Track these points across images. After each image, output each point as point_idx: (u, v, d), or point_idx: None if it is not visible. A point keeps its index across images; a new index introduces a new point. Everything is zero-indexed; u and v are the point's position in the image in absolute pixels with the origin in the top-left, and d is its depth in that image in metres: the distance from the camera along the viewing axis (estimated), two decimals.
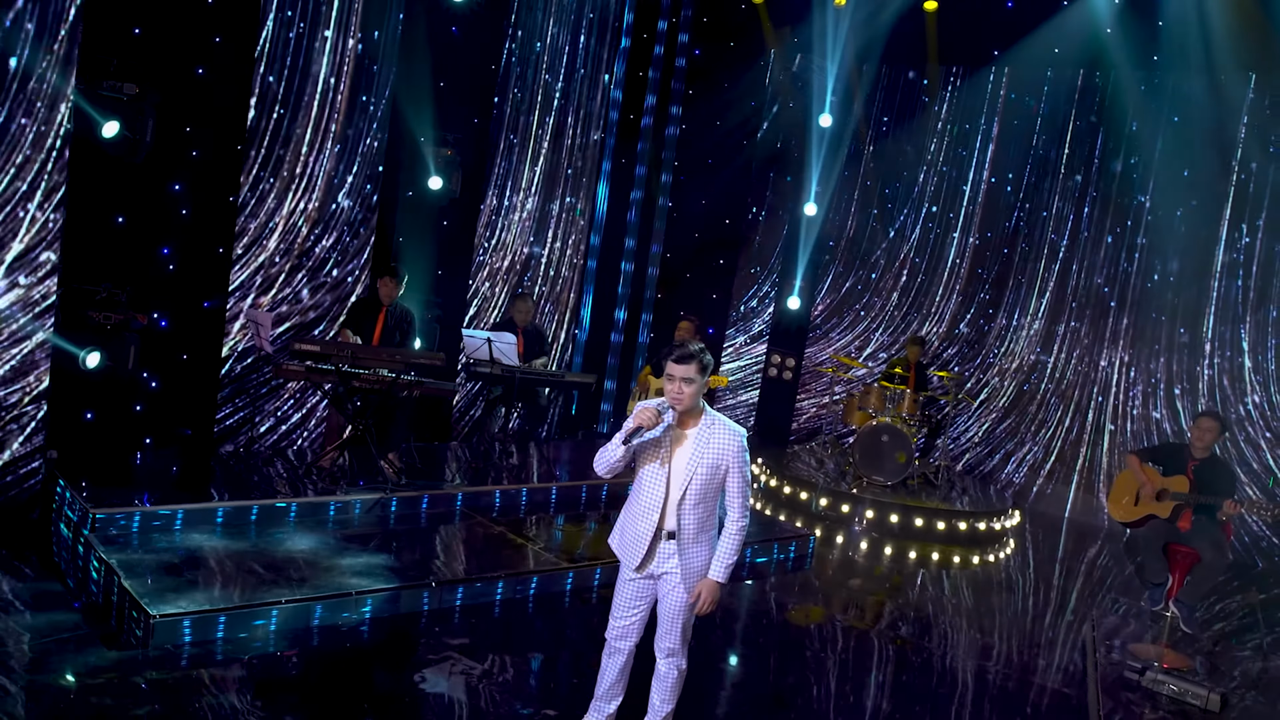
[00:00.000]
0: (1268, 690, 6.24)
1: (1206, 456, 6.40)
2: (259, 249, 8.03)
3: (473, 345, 7.77)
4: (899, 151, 12.29)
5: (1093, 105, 10.99)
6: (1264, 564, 9.57)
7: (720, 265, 12.81)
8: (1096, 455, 10.89)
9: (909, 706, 5.67)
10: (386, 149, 8.57)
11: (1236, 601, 8.22)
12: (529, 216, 10.10)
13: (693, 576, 4.28)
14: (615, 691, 4.56)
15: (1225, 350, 10.18)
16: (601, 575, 6.72)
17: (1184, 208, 10.40)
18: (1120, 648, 6.48)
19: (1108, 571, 9.15)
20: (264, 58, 7.83)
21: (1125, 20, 10.09)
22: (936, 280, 12.05)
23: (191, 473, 7.27)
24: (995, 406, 11.50)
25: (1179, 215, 10.45)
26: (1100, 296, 10.96)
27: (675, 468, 4.18)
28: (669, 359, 4.15)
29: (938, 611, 7.41)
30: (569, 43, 10.12)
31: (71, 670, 4.57)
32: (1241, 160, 10.12)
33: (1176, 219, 10.47)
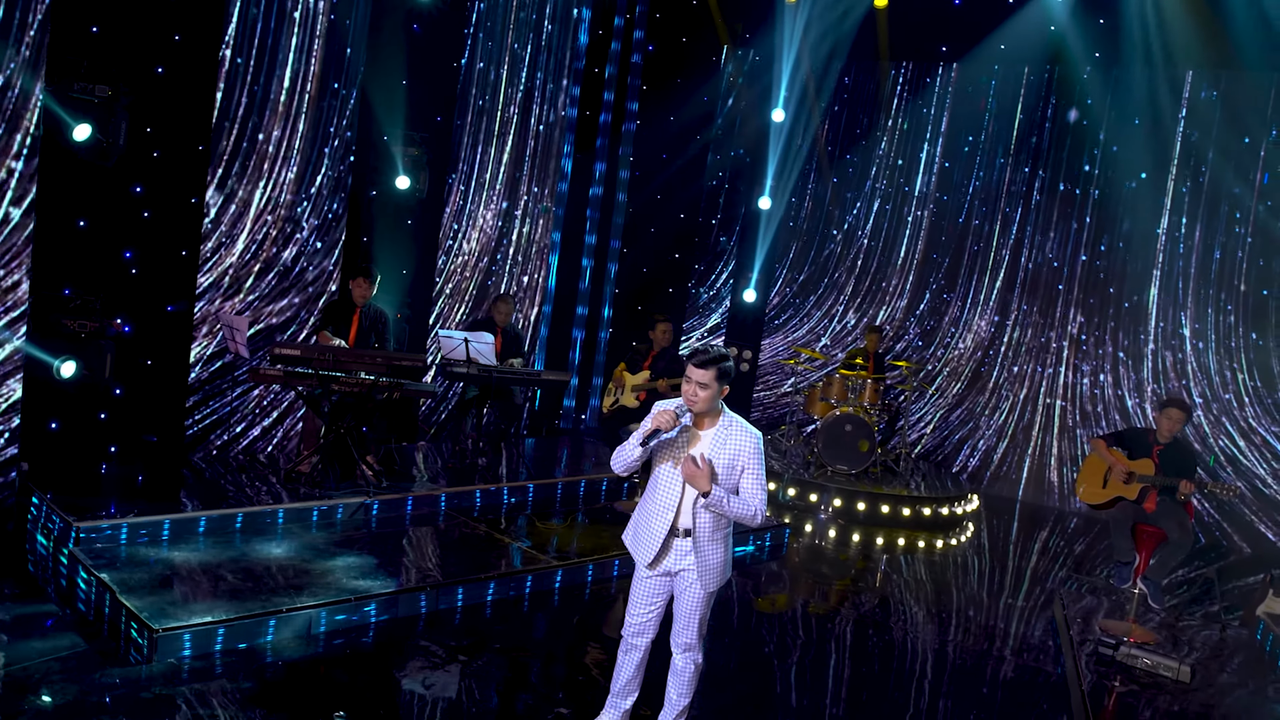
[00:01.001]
0: (1228, 659, 6.58)
1: (1170, 441, 6.69)
2: (226, 251, 7.88)
3: (449, 345, 7.74)
4: (853, 145, 12.51)
5: (1041, 98, 11.31)
6: (1205, 539, 10.01)
7: (676, 259, 12.91)
8: (1047, 439, 11.26)
9: (899, 689, 5.85)
10: (355, 149, 8.47)
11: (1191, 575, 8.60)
12: (494, 216, 10.06)
13: (710, 573, 4.36)
14: (631, 688, 4.63)
15: (1169, 336, 10.59)
16: (594, 572, 6.78)
17: (1130, 198, 10.79)
18: (1091, 625, 6.75)
19: (1067, 552, 9.48)
20: (229, 55, 7.67)
21: (1073, 16, 10.42)
22: (891, 271, 12.30)
23: (165, 481, 7.13)
24: (950, 393, 11.80)
25: (1124, 206, 10.84)
26: (1050, 284, 11.32)
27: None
28: (690, 362, 4.23)
29: (913, 596, 7.63)
30: (532, 39, 10.09)
31: (78, 689, 4.47)
32: (1181, 151, 10.52)
33: (1122, 209, 10.86)
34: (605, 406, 8.56)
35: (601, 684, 5.25)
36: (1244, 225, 10.20)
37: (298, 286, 8.25)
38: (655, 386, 8.11)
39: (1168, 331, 10.61)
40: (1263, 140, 10.03)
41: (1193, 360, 10.45)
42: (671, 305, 12.85)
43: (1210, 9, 9.32)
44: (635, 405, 8.28)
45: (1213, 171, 10.32)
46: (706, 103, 12.62)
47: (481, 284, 9.99)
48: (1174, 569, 6.94)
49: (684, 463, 4.20)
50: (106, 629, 5.15)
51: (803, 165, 12.61)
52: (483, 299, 10.01)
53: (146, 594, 5.23)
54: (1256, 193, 10.10)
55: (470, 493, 7.70)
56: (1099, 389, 11.00)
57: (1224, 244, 10.32)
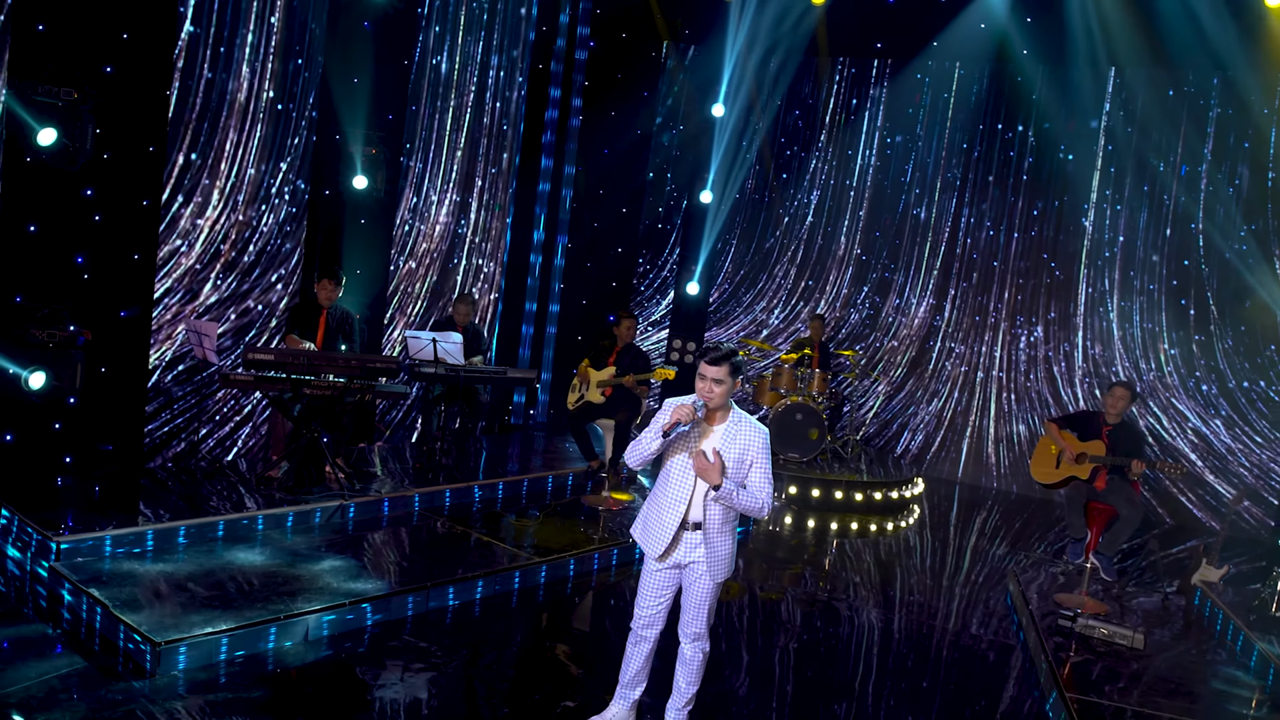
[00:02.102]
0: (1172, 626, 7.02)
1: (1119, 422, 7.09)
2: (184, 254, 7.73)
3: (416, 346, 7.73)
4: (793, 139, 12.79)
5: (974, 94, 11.74)
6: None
7: (619, 253, 13.02)
8: (984, 421, 11.73)
9: (873, 668, 6.11)
10: (314, 148, 8.37)
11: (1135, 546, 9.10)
12: (447, 214, 10.03)
13: (718, 564, 4.51)
14: (640, 678, 4.77)
15: (1098, 322, 11.13)
16: (575, 566, 6.89)
17: (1062, 190, 11.31)
18: (1046, 599, 7.13)
19: (1007, 530, 9.92)
20: (183, 54, 7.51)
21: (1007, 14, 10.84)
22: (831, 262, 12.63)
23: (131, 491, 6.98)
24: (891, 380, 12.20)
25: (1056, 198, 11.35)
26: (984, 273, 11.77)
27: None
28: (703, 360, 4.37)
29: (872, 578, 7.92)
30: (483, 36, 10.07)
31: (86, 707, 4.41)
32: (1108, 146, 11.05)
33: (1054, 202, 11.36)
34: (570, 402, 8.65)
35: (606, 676, 5.37)
36: (1166, 215, 10.77)
37: (258, 289, 8.13)
38: (622, 382, 8.22)
39: (1096, 318, 11.15)
40: (1181, 134, 10.61)
41: (1119, 344, 11.01)
42: (615, 299, 12.97)
43: (1141, 8, 9.81)
44: (601, 400, 8.39)
45: (1138, 164, 10.87)
46: (647, 98, 12.74)
47: (436, 283, 9.96)
48: (1124, 543, 7.35)
49: (696, 457, 4.34)
50: (99, 644, 5.06)
51: (744, 159, 12.84)
52: (437, 298, 9.98)
53: (140, 607, 5.16)
54: (1176, 184, 10.68)
55: (441, 492, 7.72)
56: (1033, 372, 11.50)
57: (1148, 234, 10.89)
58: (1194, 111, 10.57)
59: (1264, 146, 10.23)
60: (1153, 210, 10.83)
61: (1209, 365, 10.51)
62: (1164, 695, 5.76)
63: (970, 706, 5.72)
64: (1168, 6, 9.65)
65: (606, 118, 12.29)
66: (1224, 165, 10.44)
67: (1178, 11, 9.61)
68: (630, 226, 13.04)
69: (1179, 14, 9.63)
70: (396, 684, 5.09)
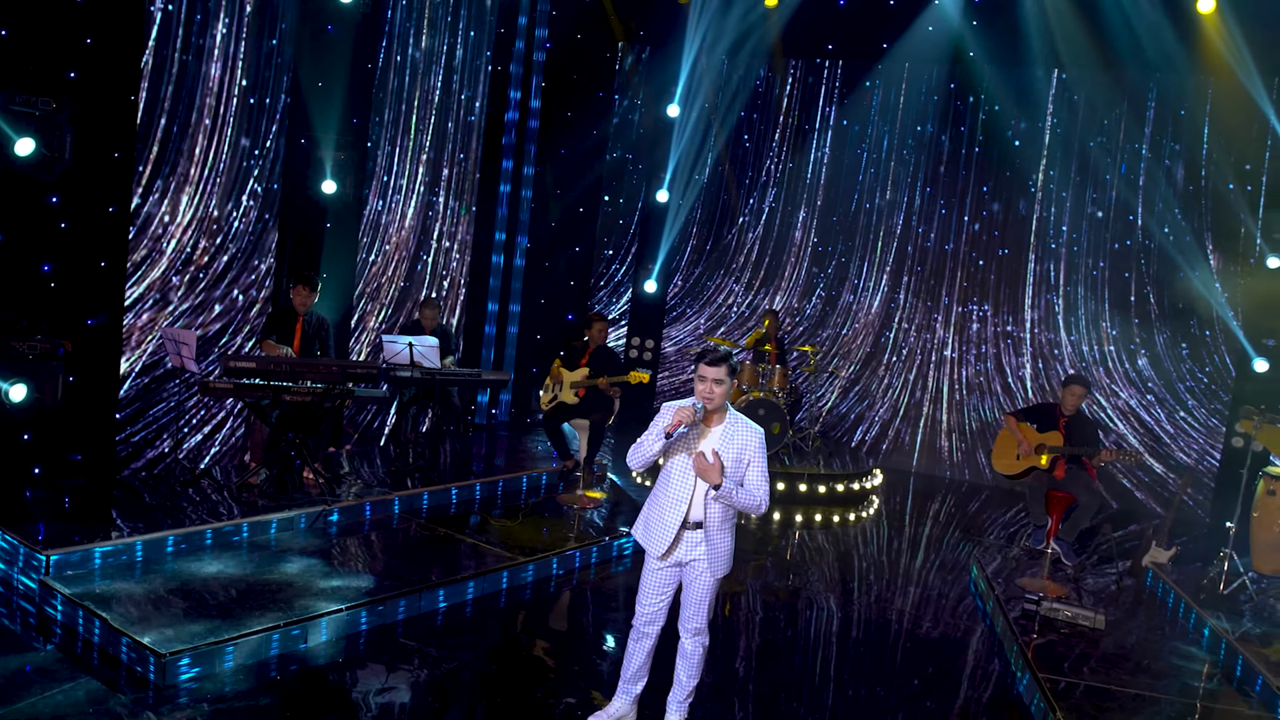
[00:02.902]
0: (1128, 606, 7.38)
1: (1075, 413, 7.43)
2: (155, 261, 7.66)
3: (392, 350, 7.77)
4: (747, 138, 13.01)
5: (924, 93, 12.08)
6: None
7: (577, 253, 13.14)
8: (937, 412, 12.10)
9: (851, 655, 6.35)
10: (284, 153, 8.34)
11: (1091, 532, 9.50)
12: (413, 217, 10.05)
13: (718, 561, 4.68)
14: (642, 673, 4.93)
15: (1044, 314, 11.56)
16: (559, 565, 7.02)
17: (1009, 186, 11.71)
18: (1010, 584, 7.44)
19: (966, 517, 10.27)
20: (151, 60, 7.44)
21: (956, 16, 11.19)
22: (785, 258, 12.89)
23: (105, 501, 6.92)
24: (847, 373, 12.51)
25: (1004, 193, 11.74)
26: (936, 268, 12.13)
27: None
28: (702, 362, 4.53)
29: (840, 568, 8.18)
30: (446, 40, 10.10)
31: None
32: (1049, 145, 11.48)
33: (1002, 197, 11.75)
34: (544, 402, 8.75)
35: (602, 671, 5.52)
36: (1109, 210, 11.22)
37: (230, 295, 8.09)
38: (596, 384, 8.35)
39: (1042, 311, 11.58)
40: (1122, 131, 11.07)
41: (1064, 335, 11.44)
42: (574, 297, 13.10)
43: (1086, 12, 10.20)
44: (574, 401, 8.51)
45: (1081, 162, 11.31)
46: (602, 99, 12.87)
47: (403, 286, 9.98)
48: (1083, 529, 7.71)
49: (696, 457, 4.50)
50: (99, 658, 5.06)
51: (699, 158, 13.03)
52: (404, 301, 10.00)
53: (140, 619, 5.16)
54: (1117, 180, 11.14)
55: (419, 495, 7.78)
56: (982, 363, 11.89)
57: (1092, 229, 11.33)
58: (1134, 110, 11.02)
59: (1198, 144, 10.72)
60: (1096, 206, 11.27)
61: (1150, 354, 10.99)
62: (1127, 673, 6.08)
63: (948, 690, 5.98)
64: (1111, 10, 10.06)
65: (563, 118, 12.39)
66: (1162, 162, 10.91)
67: (1119, 15, 10.03)
68: (588, 226, 13.16)
69: (1120, 18, 10.04)
70: (400, 686, 5.17)
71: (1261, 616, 7.08)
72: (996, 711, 5.80)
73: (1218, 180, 10.58)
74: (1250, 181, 10.34)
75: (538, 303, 12.51)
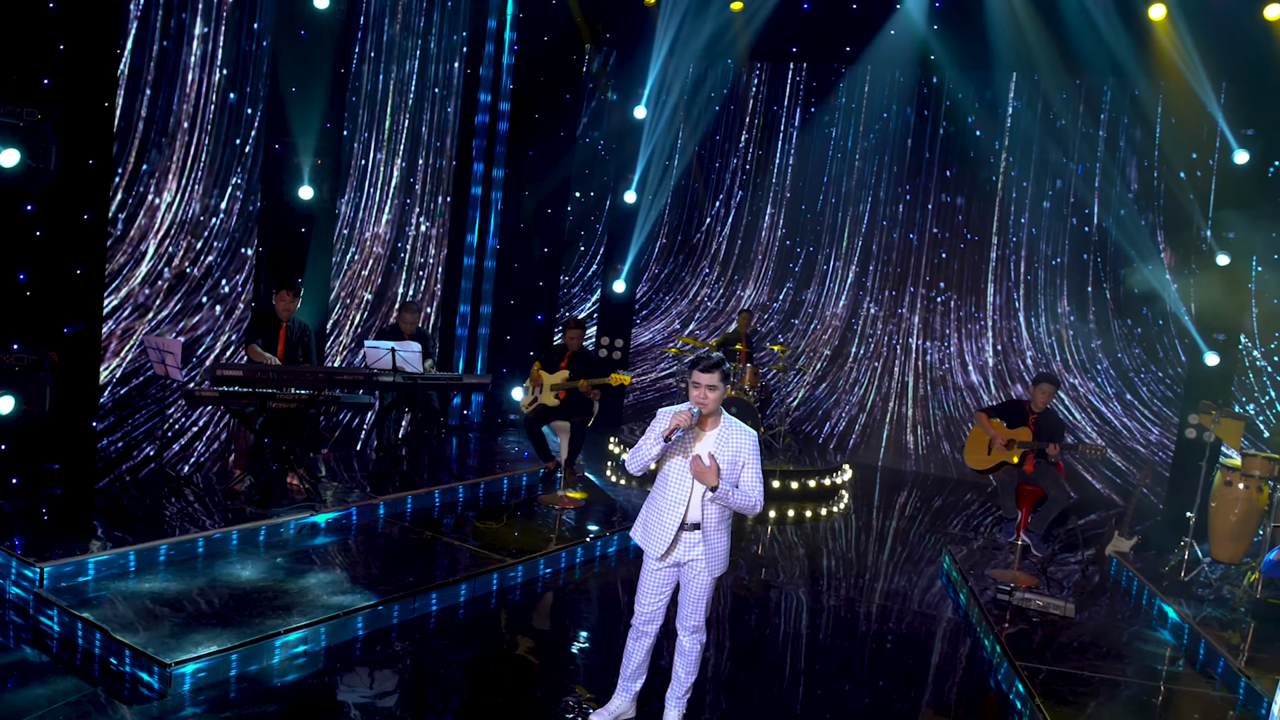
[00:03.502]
0: (1094, 594, 7.66)
1: (1044, 410, 7.69)
2: (133, 268, 7.63)
3: (374, 355, 7.81)
4: (714, 139, 13.18)
5: (887, 95, 12.34)
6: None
7: (545, 253, 13.21)
8: (903, 407, 12.38)
9: (836, 645, 6.55)
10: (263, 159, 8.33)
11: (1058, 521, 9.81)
12: (387, 220, 10.06)
13: (715, 560, 4.83)
14: (641, 671, 5.07)
15: (1005, 311, 11.89)
16: (546, 565, 7.12)
17: (970, 186, 12.01)
18: (982, 575, 7.69)
19: (932, 510, 10.54)
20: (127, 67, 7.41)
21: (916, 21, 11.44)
22: (753, 258, 13.09)
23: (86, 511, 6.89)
24: (815, 370, 12.74)
25: (965, 193, 12.05)
26: (900, 265, 12.40)
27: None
28: (696, 369, 4.66)
29: (818, 562, 8.38)
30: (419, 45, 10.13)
31: None
32: (1010, 146, 11.79)
33: (963, 197, 12.06)
34: (524, 405, 8.84)
35: (598, 669, 5.64)
36: (1067, 209, 11.56)
37: (209, 302, 8.07)
38: (576, 386, 8.45)
39: (1003, 307, 11.90)
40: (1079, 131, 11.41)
41: (1024, 331, 11.78)
42: (542, 298, 13.17)
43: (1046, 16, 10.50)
44: (555, 403, 8.61)
45: (1041, 161, 11.64)
46: (569, 100, 12.94)
47: (379, 288, 10.00)
48: (1064, 529, 7.98)
49: (693, 461, 4.64)
50: (100, 668, 5.08)
51: (666, 159, 13.17)
52: (380, 305, 10.02)
53: (139, 629, 5.19)
54: (1075, 179, 11.49)
55: (403, 498, 7.84)
56: (945, 359, 12.19)
57: (1052, 228, 11.67)
58: (1091, 111, 11.37)
59: (1151, 145, 11.09)
60: (1056, 205, 11.61)
61: (1107, 348, 11.35)
62: (1098, 658, 6.34)
63: (928, 679, 6.20)
64: (1070, 15, 10.36)
65: (531, 120, 12.46)
66: (1117, 161, 11.27)
67: (1077, 20, 10.34)
68: (556, 227, 13.23)
69: (1078, 23, 10.35)
70: (402, 690, 5.26)
71: (1221, 601, 7.40)
72: (976, 699, 6.02)
73: (1170, 179, 10.95)
74: (1201, 181, 10.73)
75: (507, 303, 12.57)
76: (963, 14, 11.14)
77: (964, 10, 11.10)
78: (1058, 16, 10.50)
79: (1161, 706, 5.92)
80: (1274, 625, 6.93)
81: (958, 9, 11.20)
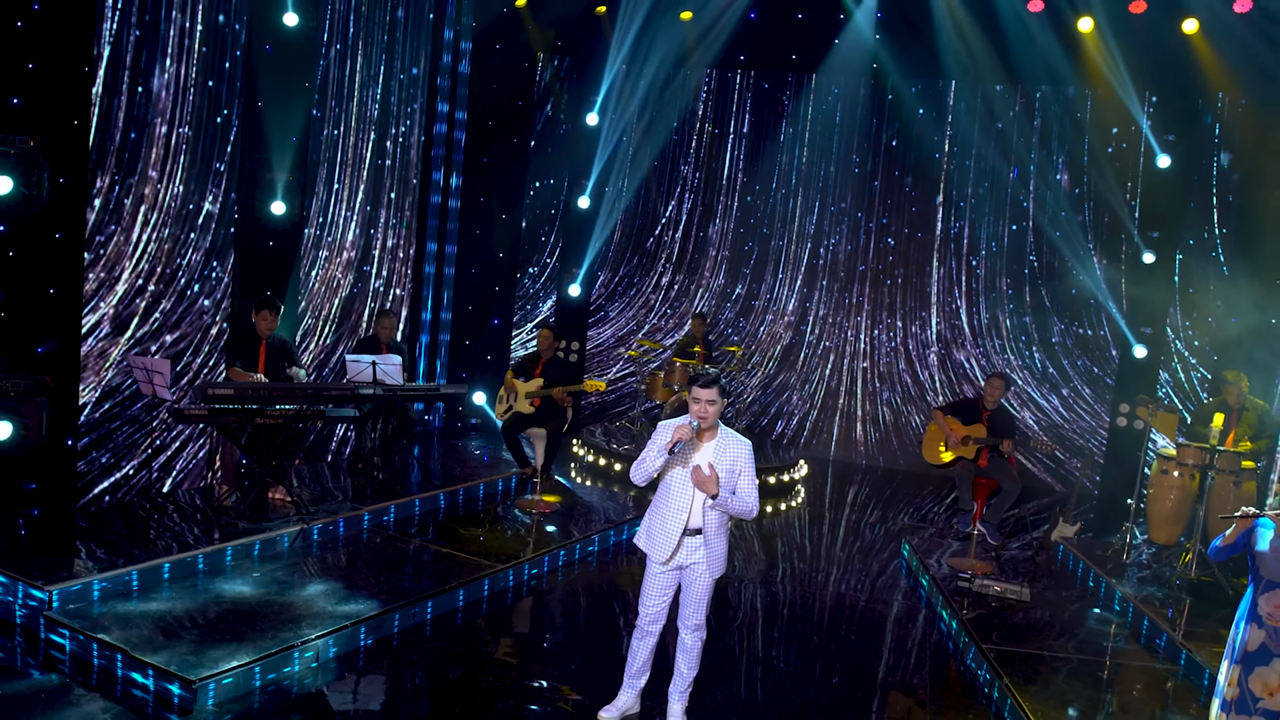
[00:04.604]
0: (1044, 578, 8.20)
1: (996, 407, 8.19)
2: (109, 287, 7.67)
3: (355, 369, 7.97)
4: (666, 145, 13.51)
5: (832, 101, 12.81)
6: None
7: (501, 259, 13.39)
8: (852, 403, 12.89)
9: (810, 635, 6.95)
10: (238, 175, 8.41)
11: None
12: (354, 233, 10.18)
13: (716, 562, 5.17)
14: (645, 669, 5.39)
15: (948, 309, 12.45)
16: (531, 569, 7.39)
17: (914, 187, 12.54)
18: (941, 564, 8.17)
19: (882, 501, 11.04)
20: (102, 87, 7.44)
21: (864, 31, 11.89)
22: (705, 261, 13.47)
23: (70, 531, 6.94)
24: (767, 369, 13.18)
25: (908, 195, 12.58)
26: (848, 266, 12.89)
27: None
28: (696, 385, 4.99)
29: (781, 558, 8.79)
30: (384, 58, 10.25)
31: None
32: (951, 150, 12.35)
33: (907, 198, 12.59)
34: (499, 413, 9.06)
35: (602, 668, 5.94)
36: (1005, 210, 12.17)
37: (187, 320, 8.14)
38: (551, 394, 8.71)
39: (946, 305, 12.47)
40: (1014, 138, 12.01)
41: (966, 328, 12.36)
42: (499, 303, 13.35)
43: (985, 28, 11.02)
44: (530, 411, 8.86)
45: (980, 164, 12.23)
46: (522, 108, 13.13)
47: (346, 301, 10.11)
48: (1011, 515, 8.50)
49: (694, 471, 4.97)
50: (122, 689, 5.21)
51: (620, 165, 13.46)
52: (347, 317, 10.14)
53: (158, 647, 5.33)
54: (1012, 182, 12.09)
55: (386, 508, 8.02)
56: (893, 355, 12.72)
57: (991, 228, 12.26)
58: (1027, 117, 11.98)
59: (1081, 149, 11.75)
60: (995, 206, 12.21)
61: (1045, 343, 11.99)
62: (1054, 638, 6.85)
63: (901, 665, 6.63)
64: (1009, 26, 10.89)
65: (485, 128, 12.62)
66: (1052, 164, 11.90)
67: (1015, 32, 10.88)
68: (512, 232, 13.42)
69: (1015, 34, 10.89)
70: (413, 695, 5.49)
71: (1159, 580, 7.99)
72: (946, 680, 6.47)
73: (1100, 182, 11.60)
74: (1129, 183, 11.39)
75: (465, 309, 12.74)
76: (908, 24, 11.60)
77: (909, 20, 11.56)
78: (997, 27, 11.03)
79: (1115, 680, 6.43)
80: (1208, 601, 7.52)
81: (903, 20, 11.65)
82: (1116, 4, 10.51)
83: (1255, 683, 4.68)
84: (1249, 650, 4.70)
